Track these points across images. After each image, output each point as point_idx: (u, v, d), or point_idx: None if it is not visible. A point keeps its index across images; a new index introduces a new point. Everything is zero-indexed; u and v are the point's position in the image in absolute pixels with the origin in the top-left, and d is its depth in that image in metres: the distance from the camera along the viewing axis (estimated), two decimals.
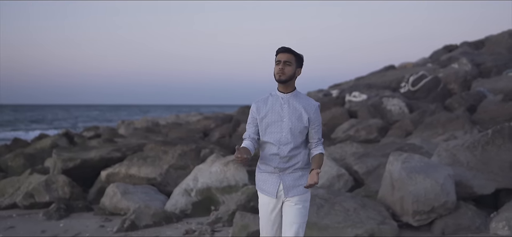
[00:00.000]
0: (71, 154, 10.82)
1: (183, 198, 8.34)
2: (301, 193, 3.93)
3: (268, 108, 3.95)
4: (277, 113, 3.92)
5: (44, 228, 7.89)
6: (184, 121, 27.02)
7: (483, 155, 7.17)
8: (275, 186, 3.93)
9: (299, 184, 3.94)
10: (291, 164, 3.92)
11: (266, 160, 3.95)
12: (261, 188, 4.02)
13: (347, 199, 6.70)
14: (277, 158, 3.91)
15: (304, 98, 3.98)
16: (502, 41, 21.53)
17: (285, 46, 3.88)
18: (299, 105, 3.92)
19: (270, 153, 3.93)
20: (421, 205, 6.39)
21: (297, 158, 3.93)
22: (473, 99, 13.57)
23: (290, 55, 3.86)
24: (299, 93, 3.99)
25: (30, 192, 9.33)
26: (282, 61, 3.85)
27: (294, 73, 3.89)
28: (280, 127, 3.90)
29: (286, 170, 3.92)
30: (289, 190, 3.92)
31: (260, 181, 4.03)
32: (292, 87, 3.96)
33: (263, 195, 4.01)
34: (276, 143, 3.90)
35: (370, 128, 12.55)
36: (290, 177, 3.93)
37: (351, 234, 6.19)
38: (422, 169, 6.64)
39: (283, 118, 3.90)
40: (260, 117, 3.94)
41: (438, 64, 19.52)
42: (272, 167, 3.93)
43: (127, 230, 7.47)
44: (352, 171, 8.34)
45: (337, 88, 21.46)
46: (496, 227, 6.23)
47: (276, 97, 3.97)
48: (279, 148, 3.89)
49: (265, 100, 4.00)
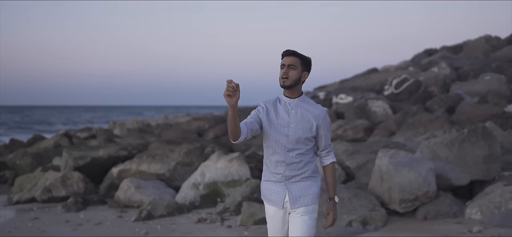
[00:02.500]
0: (81, 152, 11.63)
1: (192, 191, 9.23)
2: (308, 203, 3.72)
3: (276, 112, 3.74)
4: (284, 119, 3.71)
5: (67, 219, 8.72)
6: (174, 122, 27.79)
7: (460, 151, 8.16)
8: (281, 196, 3.73)
9: (306, 193, 3.74)
10: (298, 172, 3.72)
11: (272, 168, 3.75)
12: (267, 197, 3.82)
13: (342, 190, 7.66)
14: (283, 166, 3.71)
15: (312, 103, 3.79)
16: (479, 46, 22.70)
17: (290, 49, 3.69)
18: (307, 111, 3.74)
19: (275, 160, 3.73)
20: (406, 194, 7.37)
21: (304, 166, 3.73)
22: (452, 101, 14.58)
23: (295, 58, 3.67)
24: (306, 99, 3.80)
25: (48, 187, 10.14)
26: (286, 65, 3.66)
27: (299, 77, 3.69)
28: (286, 133, 3.69)
29: (293, 178, 3.72)
30: (296, 200, 3.71)
31: (265, 191, 3.82)
32: (298, 92, 3.76)
33: (269, 205, 3.81)
34: (282, 150, 3.69)
35: (356, 128, 13.51)
36: (297, 186, 3.73)
37: (346, 219, 7.15)
38: (407, 163, 7.61)
39: (290, 124, 3.70)
40: (267, 119, 3.73)
41: (419, 68, 20.55)
42: (278, 175, 3.73)
43: (144, 219, 8.35)
44: (344, 166, 9.28)
45: (323, 90, 22.42)
46: (470, 213, 7.24)
47: (283, 103, 3.77)
48: (285, 155, 3.69)
49: (273, 103, 3.79)
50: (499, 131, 10.64)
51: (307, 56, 3.73)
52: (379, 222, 7.17)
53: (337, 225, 7.01)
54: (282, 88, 3.71)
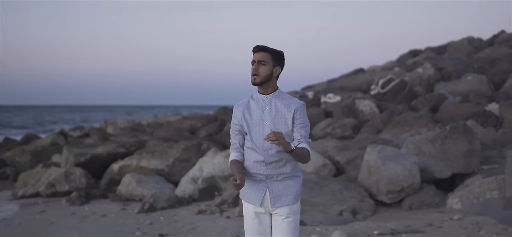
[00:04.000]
0: (81, 150, 12.10)
1: (190, 185, 9.77)
2: (290, 203, 3.61)
3: (249, 111, 3.65)
4: (258, 117, 3.60)
5: (72, 212, 9.21)
6: (164, 121, 28.25)
7: (442, 147, 8.76)
8: (260, 193, 3.60)
9: (288, 193, 3.62)
10: (279, 171, 3.59)
11: (252, 169, 3.63)
12: (245, 195, 3.68)
13: (333, 182, 8.23)
14: (263, 165, 3.59)
15: (288, 98, 3.65)
16: (462, 47, 23.42)
17: (260, 45, 3.60)
18: (282, 106, 3.61)
19: (254, 160, 3.60)
20: (393, 186, 7.96)
21: (285, 164, 3.60)
22: (436, 101, 15.21)
23: (264, 53, 3.56)
24: (281, 93, 3.66)
25: (52, 182, 10.61)
26: (256, 61, 3.56)
27: (271, 72, 3.58)
28: (262, 132, 3.58)
29: (274, 177, 3.60)
30: (276, 199, 3.59)
31: (244, 189, 3.67)
32: (272, 88, 3.63)
33: (247, 203, 3.67)
34: (260, 149, 3.58)
35: (344, 126, 14.11)
36: (278, 185, 3.61)
37: (338, 209, 7.72)
38: (394, 158, 8.20)
39: (265, 122, 3.59)
40: (244, 120, 3.64)
41: (404, 68, 21.18)
42: (258, 175, 3.61)
43: (147, 211, 8.86)
44: (334, 161, 9.85)
45: (311, 89, 22.99)
46: (451, 203, 7.85)
47: (257, 100, 3.66)
48: (264, 155, 3.57)
49: (246, 102, 3.69)
50: (479, 128, 11.27)
51: (279, 50, 3.64)
52: (368, 211, 7.76)
53: (330, 214, 7.59)
54: (253, 85, 3.61)
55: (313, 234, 6.94)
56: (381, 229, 6.91)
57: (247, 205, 3.67)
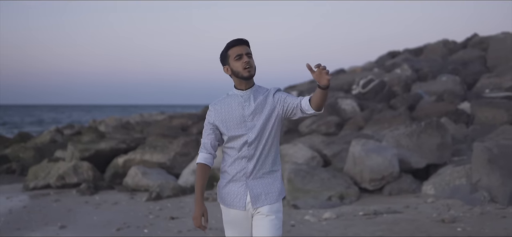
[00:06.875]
0: (85, 145, 13.01)
1: (192, 176, 10.74)
2: (272, 202, 3.48)
3: (228, 110, 3.50)
4: (239, 113, 3.47)
5: (85, 200, 10.13)
6: (151, 120, 29.08)
7: (418, 141, 9.86)
8: (243, 197, 3.47)
9: (268, 191, 3.49)
10: (258, 167, 3.47)
11: (231, 169, 3.52)
12: (226, 201, 3.52)
13: (322, 172, 9.29)
14: (243, 162, 3.47)
15: (264, 89, 3.56)
16: (438, 49, 24.63)
17: (241, 38, 3.47)
18: (261, 97, 3.50)
19: (235, 158, 3.49)
20: (375, 174, 9.04)
21: (265, 160, 3.49)
22: (413, 100, 16.31)
23: (248, 46, 3.48)
24: (258, 87, 3.57)
25: (62, 175, 11.52)
26: (243, 54, 3.43)
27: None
28: (243, 129, 3.46)
29: (253, 173, 3.46)
30: (257, 199, 3.46)
31: (225, 195, 3.54)
32: (252, 82, 3.53)
33: (228, 209, 3.52)
34: (241, 147, 3.46)
35: (329, 123, 15.15)
36: (257, 183, 3.47)
37: (327, 195, 8.77)
38: (376, 150, 9.28)
39: (246, 118, 3.47)
40: (221, 121, 3.50)
41: (384, 69, 22.28)
42: (238, 173, 3.48)
43: (154, 199, 9.83)
44: (322, 154, 10.90)
45: (294, 89, 24.00)
46: (426, 189, 8.96)
47: (234, 97, 3.53)
48: (247, 150, 3.45)
49: (222, 101, 3.54)
50: (452, 125, 12.41)
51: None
52: (353, 197, 8.83)
53: (320, 199, 8.64)
54: (247, 79, 3.45)
55: (307, 216, 7.97)
56: (365, 211, 7.96)
57: (227, 210, 3.53)
